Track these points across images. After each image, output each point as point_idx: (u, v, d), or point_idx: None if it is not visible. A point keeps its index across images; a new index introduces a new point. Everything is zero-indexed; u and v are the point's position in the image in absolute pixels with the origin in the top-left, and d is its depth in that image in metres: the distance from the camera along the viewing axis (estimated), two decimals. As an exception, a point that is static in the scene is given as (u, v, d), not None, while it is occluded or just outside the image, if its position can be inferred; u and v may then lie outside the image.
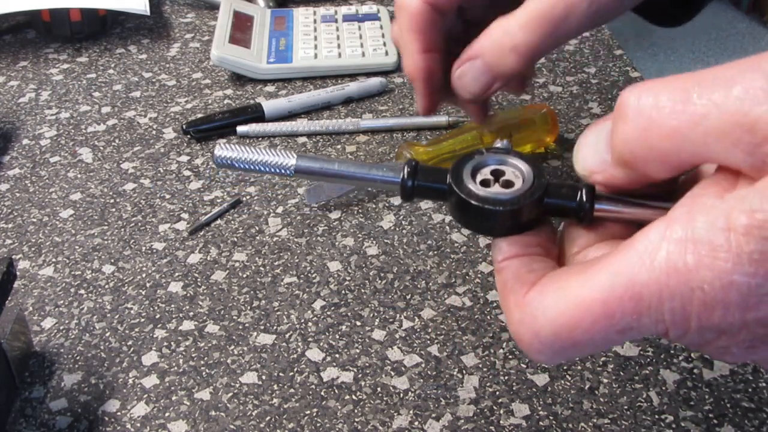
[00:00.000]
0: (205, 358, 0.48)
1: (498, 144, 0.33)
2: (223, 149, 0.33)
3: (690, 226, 0.24)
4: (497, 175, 0.32)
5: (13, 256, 0.56)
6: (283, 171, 0.33)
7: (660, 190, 0.29)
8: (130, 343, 0.49)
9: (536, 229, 0.31)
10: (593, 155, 0.29)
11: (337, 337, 0.49)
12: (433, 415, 0.45)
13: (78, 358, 0.48)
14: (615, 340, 0.26)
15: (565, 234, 0.31)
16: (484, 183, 0.31)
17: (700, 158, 0.25)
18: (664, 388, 0.46)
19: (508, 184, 0.31)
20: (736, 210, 0.23)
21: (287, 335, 0.50)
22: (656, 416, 0.44)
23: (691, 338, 0.25)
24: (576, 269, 0.27)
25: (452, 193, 0.31)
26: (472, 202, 0.30)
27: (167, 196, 0.62)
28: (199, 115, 0.71)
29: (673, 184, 0.29)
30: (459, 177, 0.31)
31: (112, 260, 0.56)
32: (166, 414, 0.45)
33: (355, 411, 0.45)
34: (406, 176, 0.32)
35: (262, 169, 0.33)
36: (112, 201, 0.61)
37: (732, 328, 0.24)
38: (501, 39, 0.41)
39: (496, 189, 0.31)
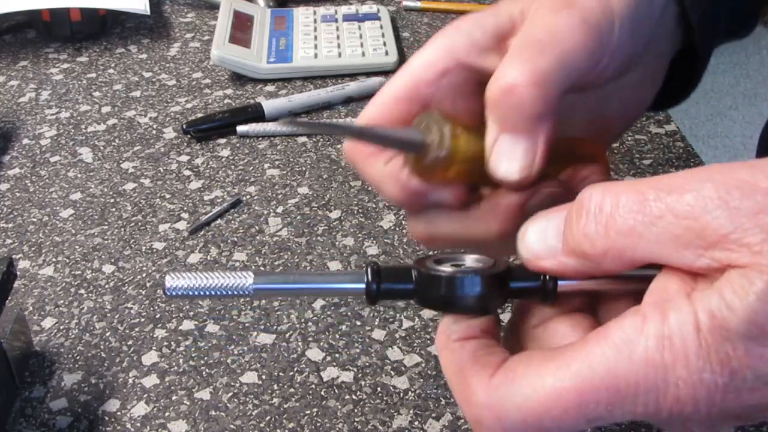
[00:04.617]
0: (205, 358, 0.48)
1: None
2: (174, 279, 0.30)
3: (665, 323, 0.25)
4: (459, 266, 0.31)
5: (13, 256, 0.56)
6: (241, 293, 0.31)
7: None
8: (130, 342, 0.49)
9: (486, 316, 0.31)
10: (541, 242, 0.29)
11: (337, 336, 0.49)
12: (433, 415, 0.45)
13: (78, 357, 0.48)
14: (580, 430, 0.27)
15: (522, 305, 0.32)
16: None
17: (653, 257, 0.26)
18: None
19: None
20: (701, 311, 0.25)
21: (287, 335, 0.50)
22: (656, 416, 0.44)
23: (656, 424, 0.27)
24: (546, 355, 0.27)
25: (422, 276, 0.30)
26: (445, 274, 0.29)
27: (167, 196, 0.62)
28: (199, 115, 0.71)
29: None
30: (423, 268, 0.30)
31: (112, 260, 0.56)
32: (166, 414, 0.45)
33: (355, 411, 0.45)
34: (369, 280, 0.30)
35: (220, 293, 0.31)
36: (112, 201, 0.61)
37: (698, 417, 0.26)
38: (499, 78, 0.31)
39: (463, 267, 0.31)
